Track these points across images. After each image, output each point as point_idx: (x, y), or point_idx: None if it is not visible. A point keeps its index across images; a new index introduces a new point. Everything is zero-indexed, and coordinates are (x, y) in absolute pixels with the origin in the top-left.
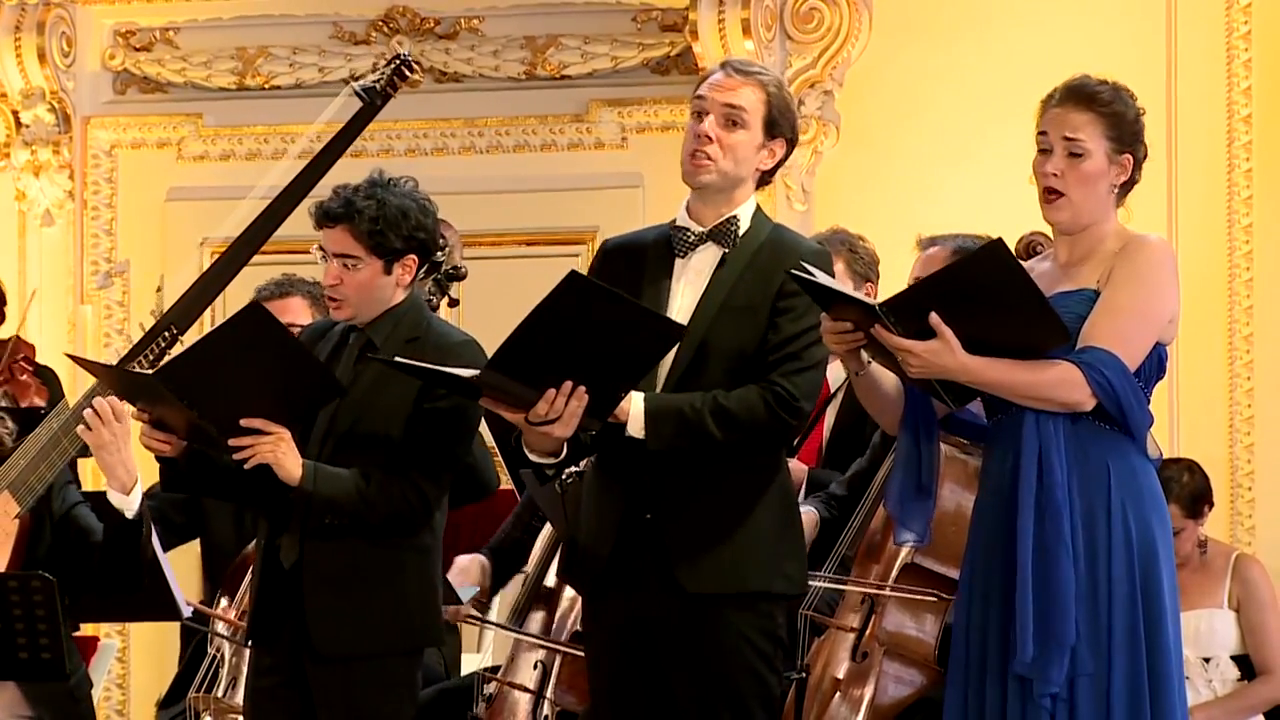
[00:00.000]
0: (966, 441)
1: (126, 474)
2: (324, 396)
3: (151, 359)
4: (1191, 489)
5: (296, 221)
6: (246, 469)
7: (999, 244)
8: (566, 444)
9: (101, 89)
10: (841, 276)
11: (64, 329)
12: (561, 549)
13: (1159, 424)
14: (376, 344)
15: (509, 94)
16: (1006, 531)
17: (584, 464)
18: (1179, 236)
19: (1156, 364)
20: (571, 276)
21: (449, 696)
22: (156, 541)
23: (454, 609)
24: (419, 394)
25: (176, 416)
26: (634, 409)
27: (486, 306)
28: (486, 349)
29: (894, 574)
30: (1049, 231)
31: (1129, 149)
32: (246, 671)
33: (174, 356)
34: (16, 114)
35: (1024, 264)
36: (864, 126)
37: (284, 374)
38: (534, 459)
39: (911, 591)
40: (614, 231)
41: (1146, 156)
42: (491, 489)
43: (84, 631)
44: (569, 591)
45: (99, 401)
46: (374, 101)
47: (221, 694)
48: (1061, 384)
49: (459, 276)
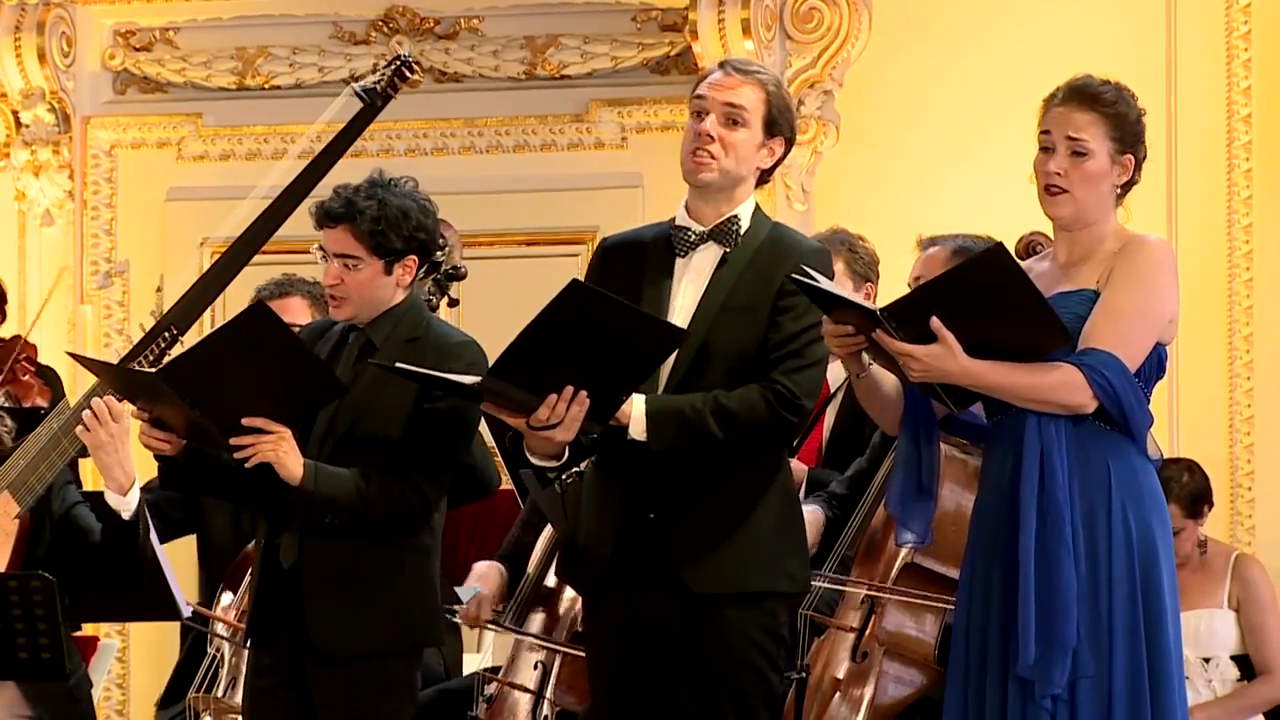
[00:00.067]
0: (966, 441)
1: (124, 475)
2: (325, 396)
3: (152, 359)
4: (1191, 489)
5: (296, 221)
6: (247, 468)
7: (999, 248)
8: (568, 447)
9: (101, 89)
10: (841, 276)
11: (64, 329)
12: (561, 549)
13: (1159, 424)
14: (376, 344)
15: (509, 94)
16: (1007, 532)
17: (584, 464)
18: (1179, 236)
19: (1156, 364)
20: (573, 285)
21: (449, 697)
22: (156, 541)
23: (474, 614)
24: (418, 394)
25: (176, 415)
26: (635, 411)
27: (486, 306)
28: (486, 349)
29: (894, 574)
30: (1049, 231)
31: (1131, 149)
32: (245, 671)
33: (177, 355)
34: (16, 114)
35: (1023, 263)
36: (864, 126)
37: (286, 373)
38: (535, 462)
39: (911, 594)
40: (614, 232)
41: (1146, 157)
42: (491, 489)
43: (84, 631)
44: (569, 592)
45: (96, 402)
46: (374, 102)
47: (221, 694)
48: (1063, 387)
49: (459, 276)
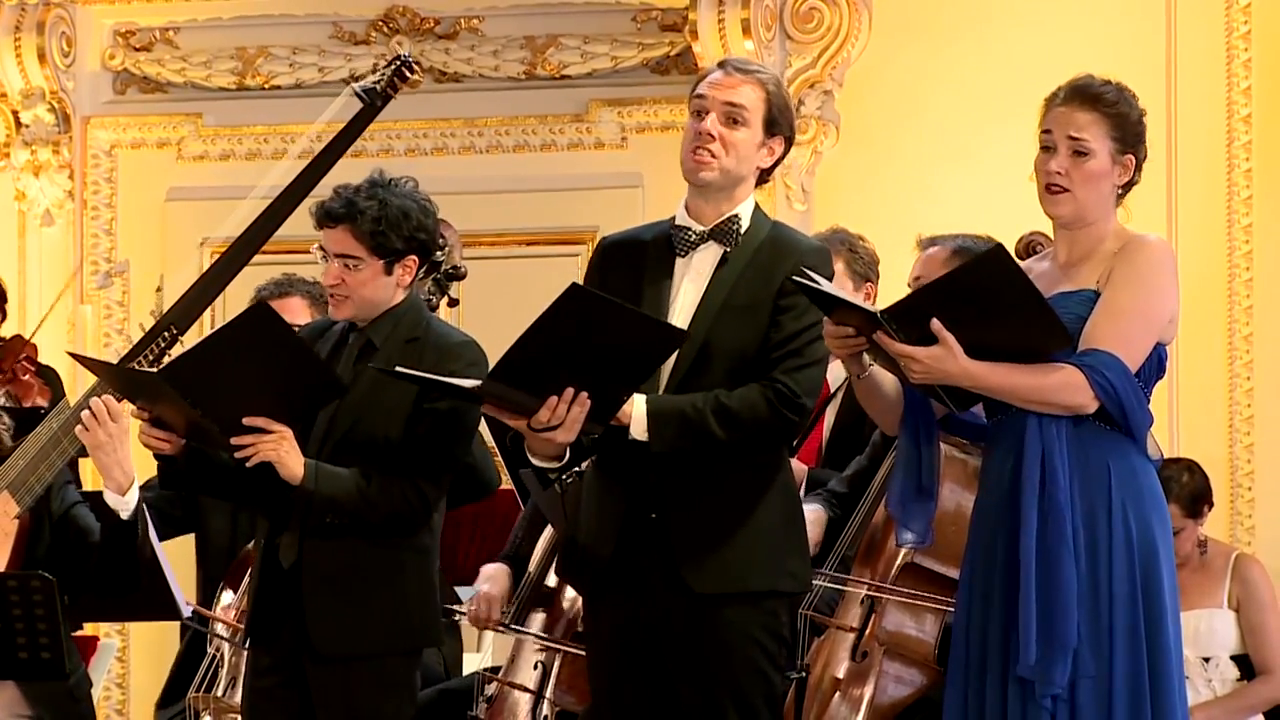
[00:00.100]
0: (966, 441)
1: (123, 475)
2: (326, 396)
3: (152, 358)
4: (1191, 489)
5: (296, 221)
6: (248, 467)
7: (1000, 249)
8: (568, 447)
9: (101, 89)
10: (841, 276)
11: (64, 329)
12: (561, 549)
13: (1159, 424)
14: (376, 344)
15: (509, 94)
16: (1007, 531)
17: (584, 465)
18: (1179, 236)
19: (1156, 364)
20: (572, 289)
21: (449, 697)
22: (156, 541)
23: (484, 615)
24: (418, 394)
25: (176, 415)
26: (636, 411)
27: (486, 306)
28: (486, 349)
29: (894, 574)
30: (1049, 231)
31: (1132, 150)
32: (245, 671)
33: (178, 355)
34: (16, 114)
35: (1023, 263)
36: (864, 126)
37: (287, 373)
38: (536, 463)
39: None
40: (613, 231)
41: (1147, 157)
42: (492, 488)
43: (84, 631)
44: (570, 592)
45: (95, 402)
46: (374, 102)
47: (221, 694)
48: (1065, 388)
49: (458, 276)
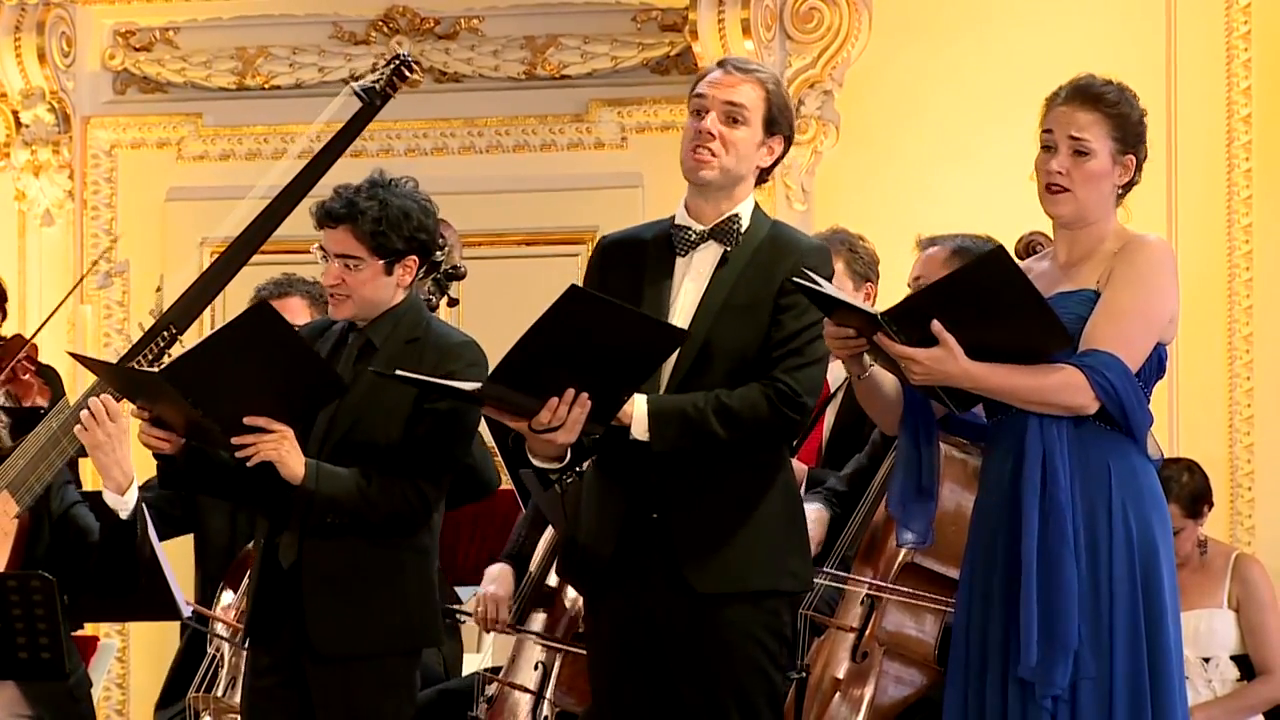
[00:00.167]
0: (966, 441)
1: (122, 474)
2: (327, 395)
3: (151, 358)
4: (1191, 489)
5: (297, 221)
6: (249, 467)
7: (1000, 251)
8: (569, 448)
9: (101, 89)
10: (841, 276)
11: (64, 329)
12: (561, 549)
13: (1159, 424)
14: (375, 344)
15: (509, 94)
16: (1007, 532)
17: (585, 465)
18: (1179, 236)
19: (1157, 364)
20: (572, 291)
21: (449, 697)
22: (156, 540)
23: (492, 616)
24: (418, 395)
25: (176, 414)
26: (637, 411)
27: (486, 306)
28: (486, 349)
29: (894, 573)
30: (1049, 231)
31: (1132, 150)
32: (244, 671)
33: (180, 354)
34: (16, 114)
35: (1023, 263)
36: (864, 126)
37: (288, 373)
38: (537, 464)
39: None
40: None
41: (1147, 158)
42: (492, 488)
43: (84, 631)
44: (571, 592)
45: (94, 402)
46: (373, 102)
47: (221, 694)
48: (1065, 388)
49: (458, 276)
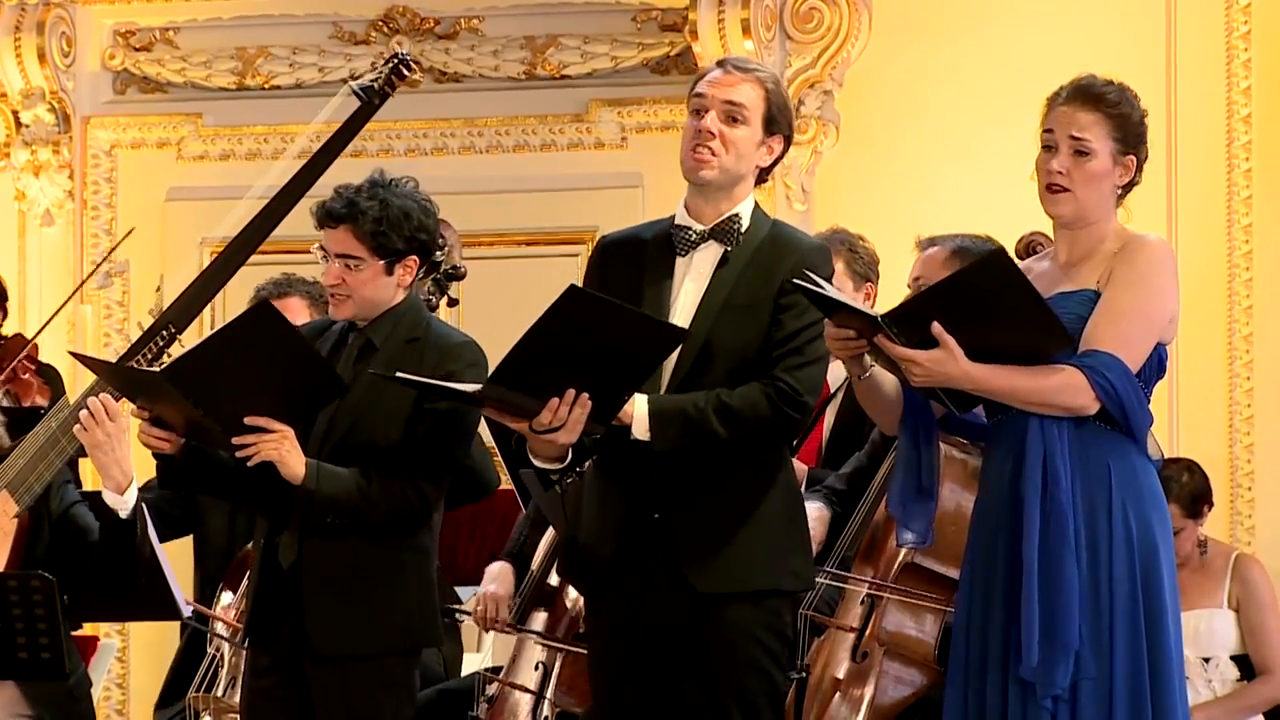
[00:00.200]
0: (966, 441)
1: (121, 474)
2: (327, 395)
3: (150, 357)
4: (1191, 489)
5: (297, 221)
6: (249, 467)
7: (1000, 253)
8: (570, 448)
9: (101, 89)
10: (841, 276)
11: (64, 329)
12: (562, 549)
13: (1159, 424)
14: (375, 344)
15: (509, 94)
16: (1007, 532)
17: (586, 465)
18: (1179, 236)
19: (1157, 364)
20: (571, 291)
21: (449, 697)
22: (155, 540)
23: (491, 615)
24: (418, 395)
25: (176, 414)
26: (638, 411)
27: (486, 306)
28: (486, 349)
29: (894, 573)
30: (1049, 231)
31: (1133, 150)
32: (244, 671)
33: (181, 354)
34: (16, 114)
35: (1023, 263)
36: (864, 126)
37: (289, 372)
38: (538, 464)
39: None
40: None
41: (1148, 158)
42: (491, 489)
43: (84, 631)
44: (572, 591)
45: (93, 401)
46: (372, 100)
47: (221, 694)
48: (1066, 389)
49: (458, 276)
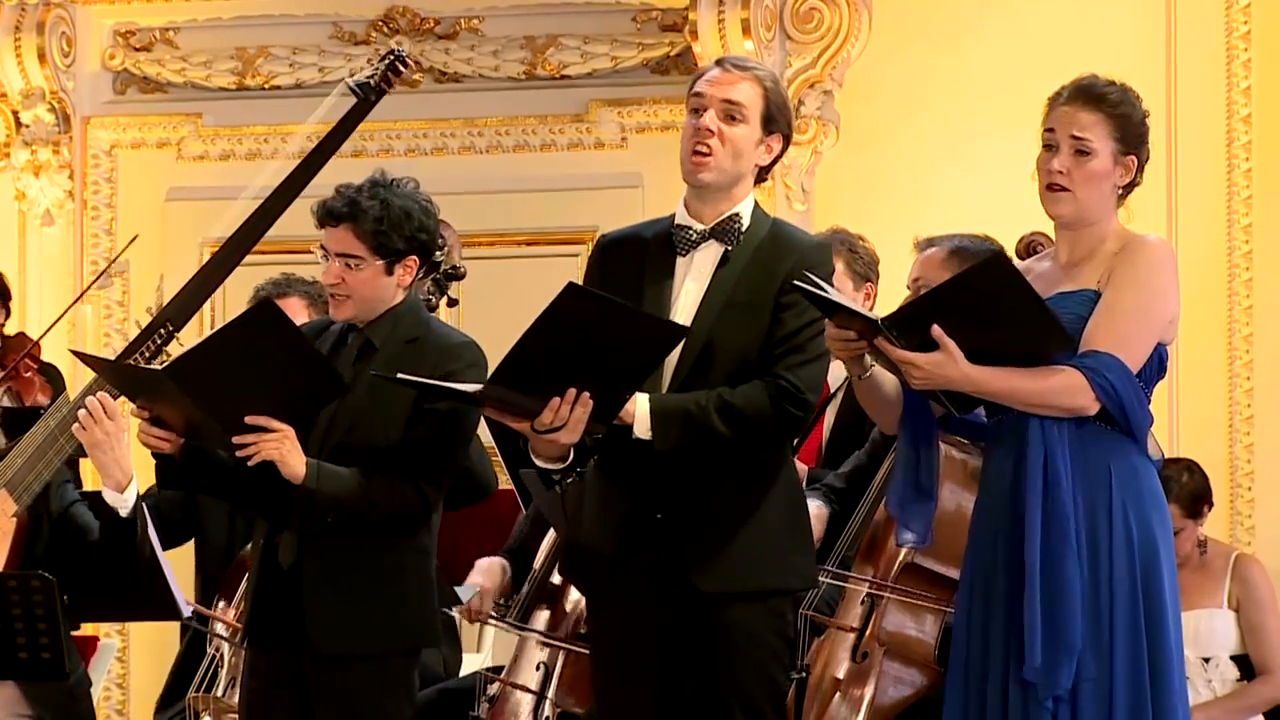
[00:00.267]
0: (966, 441)
1: (121, 472)
2: (328, 395)
3: (148, 355)
4: (1191, 489)
5: (296, 221)
6: (250, 466)
7: (1000, 255)
8: (572, 448)
9: (101, 89)
10: (841, 276)
11: (64, 328)
12: (563, 549)
13: (1159, 424)
14: (375, 344)
15: (509, 94)
16: (1008, 532)
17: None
18: (1179, 236)
19: (1157, 364)
20: (570, 289)
21: (450, 696)
22: (156, 540)
23: (475, 607)
24: (418, 395)
25: (176, 413)
26: (639, 410)
27: (486, 306)
28: (486, 349)
29: (894, 573)
30: (1050, 231)
31: (1134, 151)
32: (242, 671)
33: (182, 352)
34: (16, 114)
35: (1023, 263)
36: (864, 126)
37: (290, 371)
38: (540, 464)
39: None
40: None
41: (1149, 159)
42: (489, 491)
43: (84, 631)
44: (574, 592)
45: (91, 400)
46: (368, 97)
47: (221, 694)
48: (1066, 390)
49: (458, 276)
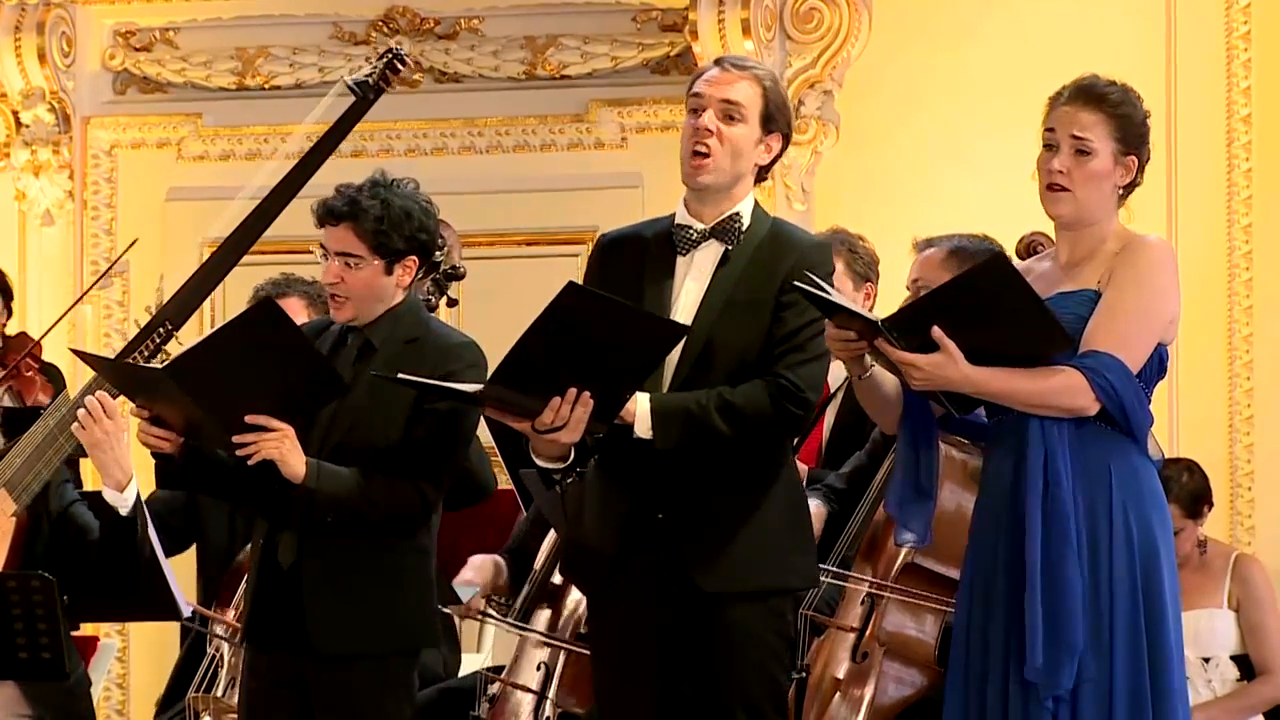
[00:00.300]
0: (966, 441)
1: (121, 472)
2: (328, 394)
3: (147, 355)
4: (1191, 489)
5: (296, 221)
6: (250, 465)
7: (1000, 257)
8: (572, 448)
9: (101, 89)
10: (841, 276)
11: (64, 328)
12: (564, 548)
13: (1159, 424)
14: (375, 345)
15: (509, 94)
16: (1008, 532)
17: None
18: (1179, 236)
19: (1157, 364)
20: (570, 288)
21: (451, 696)
22: (156, 540)
23: (469, 606)
24: (418, 395)
25: (175, 413)
26: (640, 410)
27: (486, 306)
28: (486, 349)
29: (894, 573)
30: (1050, 231)
31: (1134, 151)
32: (242, 671)
33: (183, 351)
34: (16, 114)
35: (1023, 263)
36: (864, 126)
37: (290, 371)
38: (541, 464)
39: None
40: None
41: (1149, 159)
42: (488, 491)
43: (84, 631)
44: (575, 591)
45: (90, 400)
46: (366, 95)
47: (221, 694)
48: (1066, 391)
49: (458, 276)
